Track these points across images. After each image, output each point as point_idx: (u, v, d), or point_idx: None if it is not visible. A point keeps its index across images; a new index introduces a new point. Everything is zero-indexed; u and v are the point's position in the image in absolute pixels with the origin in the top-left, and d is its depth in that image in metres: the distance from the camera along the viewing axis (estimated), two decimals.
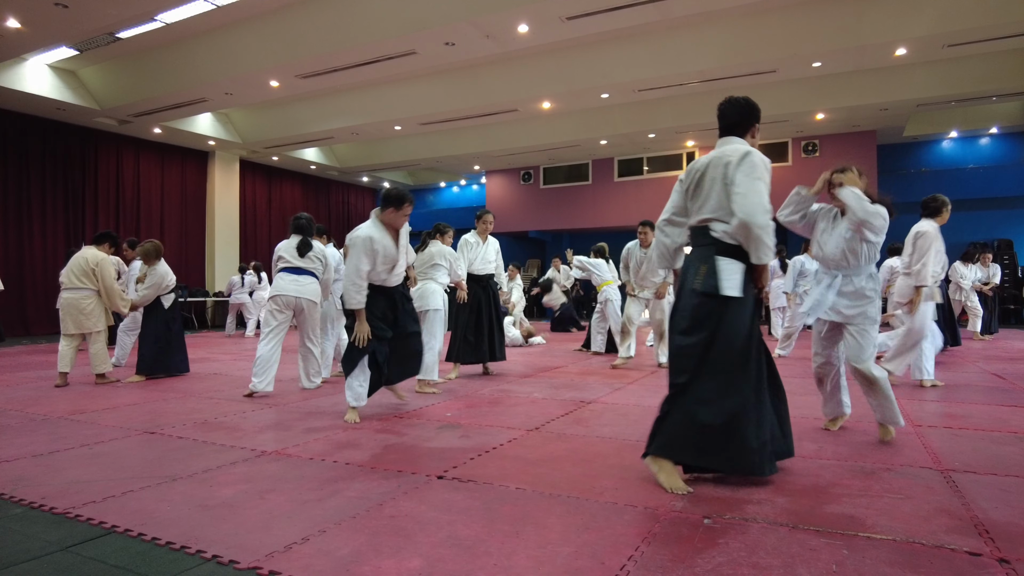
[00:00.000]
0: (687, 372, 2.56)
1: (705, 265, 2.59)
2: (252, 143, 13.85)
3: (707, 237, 2.64)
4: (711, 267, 2.57)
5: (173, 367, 6.15)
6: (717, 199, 2.60)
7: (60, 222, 11.86)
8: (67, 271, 5.72)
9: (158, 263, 6.07)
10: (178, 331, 6.28)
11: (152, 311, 6.11)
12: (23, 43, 8.78)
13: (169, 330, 6.15)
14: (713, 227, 2.62)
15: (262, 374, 4.84)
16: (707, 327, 2.55)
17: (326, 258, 5.25)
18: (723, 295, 2.52)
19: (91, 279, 5.69)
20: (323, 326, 5.68)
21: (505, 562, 1.87)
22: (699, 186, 2.69)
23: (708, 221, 2.64)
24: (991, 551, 1.92)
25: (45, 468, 2.93)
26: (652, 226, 6.56)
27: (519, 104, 11.56)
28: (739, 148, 2.60)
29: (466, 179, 19.45)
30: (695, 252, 2.71)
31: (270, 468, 2.90)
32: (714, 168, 2.63)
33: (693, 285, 2.62)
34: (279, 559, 1.91)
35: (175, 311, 6.25)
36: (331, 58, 9.05)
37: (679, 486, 2.50)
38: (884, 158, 13.92)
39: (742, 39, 9.12)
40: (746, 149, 2.59)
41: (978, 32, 8.26)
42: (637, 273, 6.47)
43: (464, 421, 3.88)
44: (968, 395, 4.72)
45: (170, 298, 6.17)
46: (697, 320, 2.57)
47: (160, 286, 6.04)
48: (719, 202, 2.59)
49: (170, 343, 6.13)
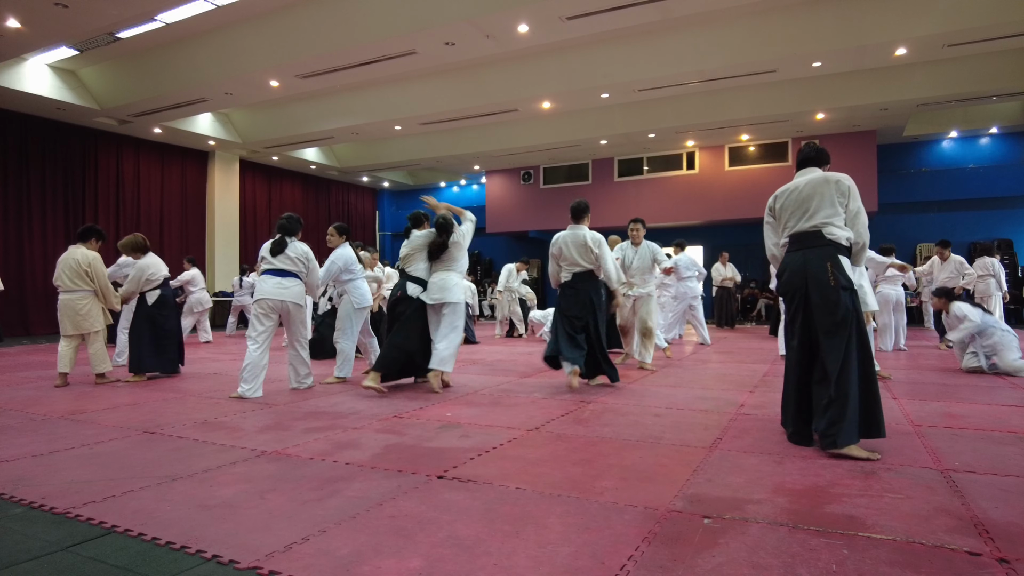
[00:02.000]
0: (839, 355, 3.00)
1: (830, 263, 3.09)
2: (252, 143, 13.85)
3: (821, 239, 3.17)
4: (836, 265, 3.08)
5: (161, 365, 6.01)
6: (827, 209, 3.18)
7: (60, 222, 11.86)
8: (59, 274, 5.64)
9: (143, 257, 5.99)
10: (169, 329, 6.08)
11: (138, 308, 6.00)
12: (23, 43, 8.78)
13: (154, 327, 5.95)
14: (827, 231, 3.15)
15: (251, 380, 4.82)
16: (850, 315, 3.03)
17: (308, 259, 5.16)
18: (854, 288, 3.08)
19: (85, 280, 5.64)
20: (342, 325, 5.69)
21: (505, 562, 1.87)
22: (804, 201, 3.25)
23: (821, 226, 3.18)
24: (991, 551, 1.92)
25: (45, 468, 2.93)
26: (644, 223, 6.68)
27: (519, 104, 11.56)
28: (837, 174, 3.25)
29: (466, 179, 19.44)
30: (813, 252, 3.17)
31: (270, 468, 2.90)
32: (819, 185, 3.23)
33: (825, 280, 3.08)
34: (279, 559, 1.91)
35: (164, 308, 6.07)
36: (331, 58, 9.05)
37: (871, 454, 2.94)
38: (884, 158, 13.91)
39: (742, 39, 9.12)
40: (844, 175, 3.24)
41: (978, 32, 8.26)
42: (628, 272, 6.53)
43: (464, 421, 3.88)
44: (968, 395, 4.72)
45: (155, 294, 6.01)
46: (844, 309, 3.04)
47: (140, 280, 5.93)
48: (830, 211, 3.18)
49: (157, 340, 5.94)
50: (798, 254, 3.25)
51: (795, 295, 3.23)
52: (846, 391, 2.96)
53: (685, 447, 3.20)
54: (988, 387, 5.09)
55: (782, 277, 3.35)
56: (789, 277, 3.27)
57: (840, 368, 2.99)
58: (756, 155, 14.08)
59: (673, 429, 3.62)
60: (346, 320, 5.69)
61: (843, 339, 3.02)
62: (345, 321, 5.69)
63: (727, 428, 3.63)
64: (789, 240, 3.34)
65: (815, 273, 3.13)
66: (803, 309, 3.19)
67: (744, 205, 13.85)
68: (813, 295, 3.12)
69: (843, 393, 2.96)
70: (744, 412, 4.09)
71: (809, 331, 3.17)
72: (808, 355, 3.20)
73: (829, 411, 2.98)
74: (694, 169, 14.48)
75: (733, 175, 14.19)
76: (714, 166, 14.34)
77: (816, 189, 3.24)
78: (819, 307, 3.10)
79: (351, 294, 5.69)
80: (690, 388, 5.12)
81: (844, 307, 3.04)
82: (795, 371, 3.26)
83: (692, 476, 2.70)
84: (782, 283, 3.34)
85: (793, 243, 3.32)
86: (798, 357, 3.23)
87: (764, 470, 2.79)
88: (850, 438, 2.93)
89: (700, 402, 4.48)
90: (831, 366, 3.01)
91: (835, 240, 3.15)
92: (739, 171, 14.15)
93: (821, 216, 3.19)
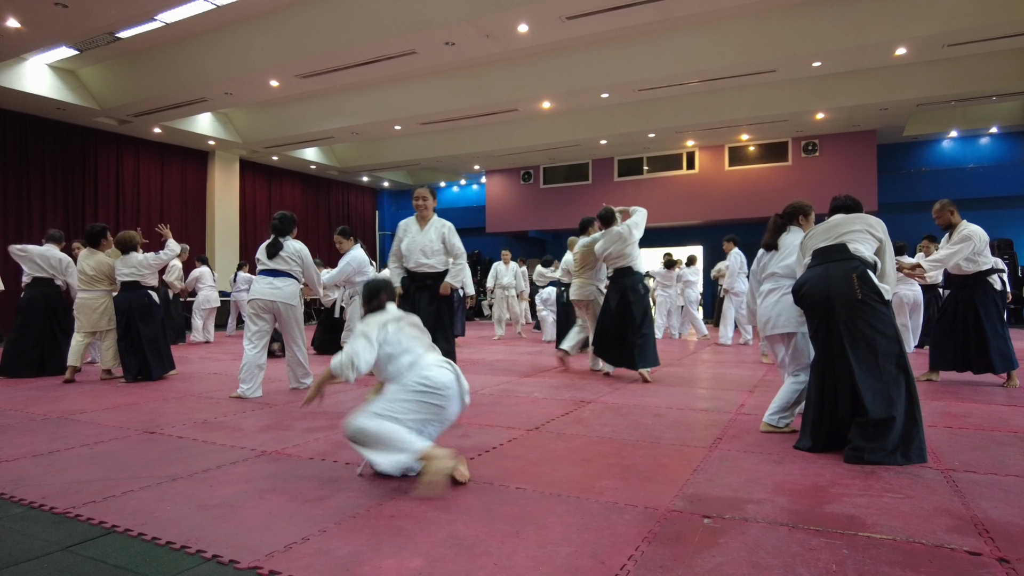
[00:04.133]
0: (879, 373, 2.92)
1: (855, 274, 3.01)
2: (252, 143, 13.85)
3: (845, 252, 3.11)
4: (863, 276, 3.00)
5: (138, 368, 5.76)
6: (854, 233, 3.16)
7: (60, 222, 11.83)
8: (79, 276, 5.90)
9: (128, 256, 5.82)
10: (146, 334, 5.76)
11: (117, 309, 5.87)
12: (23, 43, 8.77)
13: (129, 329, 5.72)
14: (852, 247, 3.11)
15: (249, 380, 4.83)
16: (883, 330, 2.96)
17: (303, 259, 5.12)
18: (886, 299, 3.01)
19: (103, 282, 5.92)
20: (352, 326, 5.69)
21: (505, 562, 1.87)
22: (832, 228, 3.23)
23: (846, 242, 3.13)
24: (991, 551, 1.92)
25: (45, 468, 2.93)
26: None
27: (519, 104, 11.56)
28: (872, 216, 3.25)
29: (466, 179, 19.44)
30: (836, 265, 3.08)
31: (270, 468, 2.90)
32: (851, 219, 3.24)
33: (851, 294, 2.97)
34: (279, 559, 1.91)
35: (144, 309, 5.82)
36: (331, 58, 9.05)
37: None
38: (884, 158, 13.90)
39: (742, 39, 9.12)
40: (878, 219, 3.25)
41: (978, 32, 8.26)
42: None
43: (464, 421, 3.88)
44: (968, 395, 4.72)
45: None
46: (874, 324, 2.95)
47: (112, 278, 5.88)
48: (857, 235, 3.16)
49: (131, 343, 5.73)
50: (820, 268, 3.14)
51: (816, 309, 3.10)
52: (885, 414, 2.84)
53: (685, 447, 3.20)
54: (988, 387, 5.08)
55: (801, 291, 3.21)
56: (810, 290, 3.13)
57: (876, 389, 2.86)
58: (756, 155, 14.08)
59: (673, 429, 3.62)
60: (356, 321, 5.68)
61: (880, 358, 2.89)
62: (355, 322, 5.68)
63: (727, 428, 3.63)
64: (812, 256, 3.25)
65: (838, 287, 3.00)
66: (826, 324, 3.05)
67: (744, 205, 13.85)
68: (839, 311, 2.98)
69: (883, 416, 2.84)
70: (744, 412, 4.09)
71: (830, 348, 3.04)
72: (831, 373, 3.04)
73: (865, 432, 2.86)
74: (694, 169, 14.48)
75: (733, 175, 14.19)
76: (714, 166, 14.34)
77: (846, 220, 3.23)
78: (845, 324, 2.96)
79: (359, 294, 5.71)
80: (690, 388, 5.12)
81: (875, 323, 2.93)
82: (816, 388, 3.12)
83: (692, 476, 2.70)
84: (801, 296, 3.20)
85: (815, 258, 3.21)
86: (820, 374, 3.10)
87: (764, 470, 2.80)
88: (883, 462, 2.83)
89: (700, 402, 4.48)
90: (865, 388, 2.87)
91: (860, 256, 3.07)
92: (739, 171, 14.15)
93: (848, 237, 3.14)
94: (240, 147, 14.15)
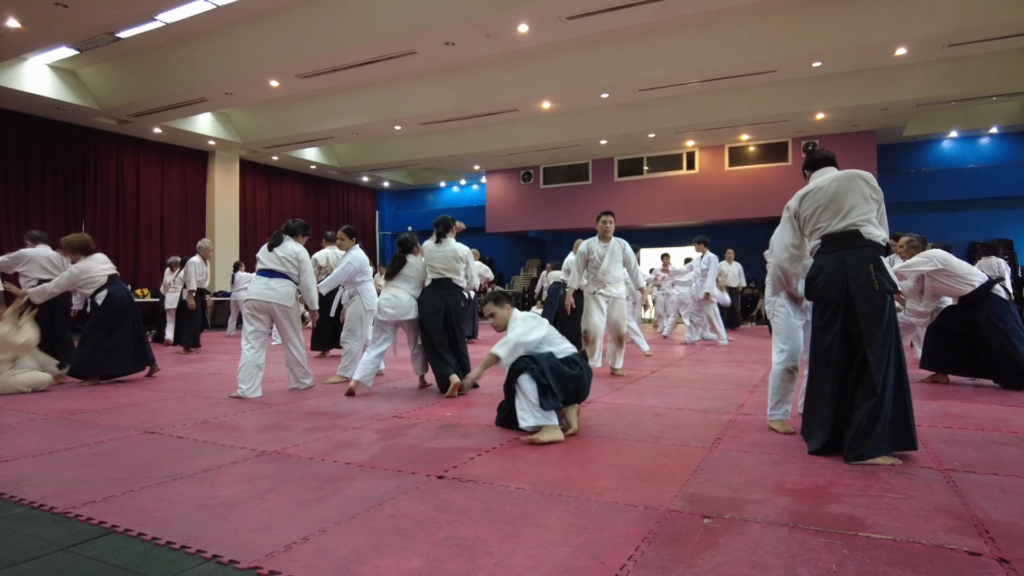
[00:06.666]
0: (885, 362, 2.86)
1: (872, 264, 2.91)
2: (252, 143, 13.85)
3: (860, 239, 2.97)
4: (879, 267, 2.91)
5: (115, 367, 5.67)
6: (862, 206, 3.01)
7: (60, 222, 11.84)
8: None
9: (82, 258, 5.70)
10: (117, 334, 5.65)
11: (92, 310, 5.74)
12: (23, 43, 8.78)
13: (97, 330, 5.60)
14: (866, 231, 2.97)
15: (248, 380, 4.82)
16: (892, 322, 2.92)
17: (299, 260, 5.11)
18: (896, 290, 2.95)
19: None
20: (352, 326, 5.75)
21: (505, 562, 1.87)
22: (835, 199, 3.06)
23: (859, 225, 2.99)
24: (991, 551, 1.92)
25: (45, 468, 2.93)
26: (613, 216, 6.12)
27: (519, 104, 11.57)
28: (859, 171, 3.07)
29: (466, 179, 19.45)
30: (852, 254, 2.96)
31: (270, 468, 2.90)
32: (847, 182, 3.06)
33: (869, 284, 2.89)
34: (279, 559, 1.91)
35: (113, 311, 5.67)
36: (331, 58, 9.05)
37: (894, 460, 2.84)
38: (884, 158, 13.91)
39: (742, 39, 9.13)
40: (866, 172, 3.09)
41: (978, 32, 8.26)
42: (598, 270, 5.93)
43: (464, 421, 3.88)
44: (968, 395, 4.72)
45: (102, 295, 5.69)
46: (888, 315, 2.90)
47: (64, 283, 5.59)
48: (865, 208, 3.01)
49: (96, 344, 5.59)
50: (835, 256, 3.01)
51: (831, 300, 2.99)
52: (881, 404, 2.84)
53: (685, 447, 3.20)
54: (988, 387, 5.08)
55: (815, 280, 3.09)
56: (827, 279, 3.01)
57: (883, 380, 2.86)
58: (756, 155, 14.08)
59: (673, 429, 3.62)
60: (356, 321, 5.79)
61: (888, 348, 2.87)
62: (355, 322, 5.79)
63: (727, 428, 3.63)
64: (822, 241, 3.11)
65: (856, 277, 2.92)
66: (842, 316, 2.96)
67: (744, 205, 13.86)
68: (858, 301, 2.90)
69: (878, 405, 2.83)
70: (744, 412, 4.09)
71: (848, 341, 2.97)
72: (848, 364, 2.98)
73: (862, 423, 2.85)
74: (694, 169, 14.48)
75: (733, 175, 14.19)
76: (714, 166, 14.34)
77: (845, 186, 3.05)
78: (864, 315, 2.88)
79: (362, 296, 5.79)
80: (690, 388, 5.12)
81: (888, 313, 2.89)
82: (832, 383, 3.00)
83: (692, 476, 2.70)
84: (816, 287, 3.08)
85: (827, 244, 3.08)
86: (837, 369, 2.98)
87: (764, 470, 2.79)
88: (876, 452, 2.83)
89: (700, 402, 4.48)
90: (877, 376, 2.85)
91: (874, 241, 2.97)
92: (739, 171, 14.16)
93: (857, 214, 3.00)
94: (240, 147, 14.16)
